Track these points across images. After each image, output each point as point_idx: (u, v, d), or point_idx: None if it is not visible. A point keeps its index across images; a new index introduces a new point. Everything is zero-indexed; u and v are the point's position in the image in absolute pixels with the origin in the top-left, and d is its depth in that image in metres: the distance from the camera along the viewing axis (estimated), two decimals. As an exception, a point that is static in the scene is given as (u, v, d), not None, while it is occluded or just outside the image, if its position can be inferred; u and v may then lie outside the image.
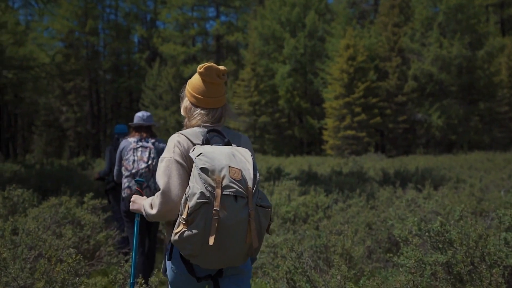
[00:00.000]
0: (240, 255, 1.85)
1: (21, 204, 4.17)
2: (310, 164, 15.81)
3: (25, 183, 8.97)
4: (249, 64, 32.86)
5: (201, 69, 2.08)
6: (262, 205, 1.86)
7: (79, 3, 39.82)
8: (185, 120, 2.18)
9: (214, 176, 1.78)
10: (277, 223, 5.65)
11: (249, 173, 1.85)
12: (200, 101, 2.08)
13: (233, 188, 1.77)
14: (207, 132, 2.02)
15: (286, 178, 7.56)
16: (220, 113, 2.12)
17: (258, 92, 32.22)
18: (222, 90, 2.12)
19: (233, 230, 1.77)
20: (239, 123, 32.37)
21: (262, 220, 1.86)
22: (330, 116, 29.80)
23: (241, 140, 2.13)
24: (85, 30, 39.30)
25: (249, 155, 1.94)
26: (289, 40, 33.07)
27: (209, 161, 1.81)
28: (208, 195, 1.75)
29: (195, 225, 1.75)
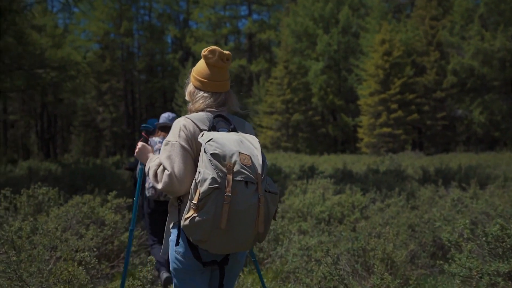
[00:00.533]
0: (249, 240, 1.85)
1: (46, 202, 4.06)
2: (345, 162, 15.35)
3: (58, 182, 9.03)
4: (281, 61, 32.52)
5: (205, 52, 2.10)
6: (270, 191, 1.86)
7: (114, 5, 40.62)
8: (189, 104, 2.17)
9: (225, 162, 1.78)
10: (311, 223, 5.34)
11: (258, 160, 1.86)
12: (204, 85, 2.09)
13: (244, 174, 1.78)
14: (214, 116, 2.02)
15: (320, 176, 7.23)
16: (224, 98, 2.11)
17: (291, 90, 31.85)
18: (226, 75, 2.13)
19: (243, 216, 1.78)
20: (272, 122, 32.19)
21: (271, 206, 1.86)
22: (365, 113, 29.06)
23: (245, 127, 2.13)
24: (120, 32, 40.04)
25: (256, 142, 1.94)
26: (322, 36, 32.49)
27: (220, 146, 1.81)
28: (219, 181, 1.76)
29: (206, 210, 1.76)
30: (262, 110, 33.86)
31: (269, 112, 33.08)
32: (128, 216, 4.00)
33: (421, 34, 29.83)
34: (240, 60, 39.77)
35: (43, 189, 4.11)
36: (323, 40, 32.31)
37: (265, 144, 32.51)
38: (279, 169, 12.02)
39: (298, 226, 5.04)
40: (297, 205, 5.86)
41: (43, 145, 38.50)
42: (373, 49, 28.91)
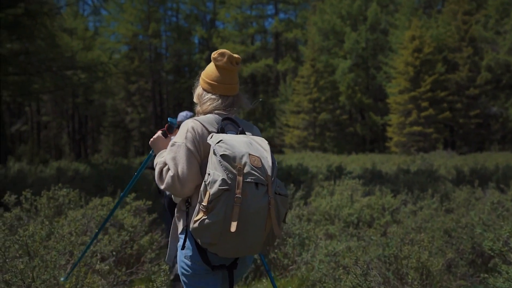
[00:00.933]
0: (259, 243, 1.83)
1: (66, 205, 3.99)
2: (374, 162, 14.94)
3: (85, 182, 9.08)
4: (308, 60, 32.14)
5: (215, 55, 2.10)
6: (280, 193, 1.84)
7: (143, 7, 41.16)
8: (196, 107, 2.16)
9: (235, 163, 1.76)
10: (339, 226, 5.10)
11: (268, 161, 1.84)
12: (213, 87, 2.08)
13: (254, 175, 1.76)
14: (223, 119, 2.01)
15: (348, 177, 6.96)
16: (232, 101, 2.10)
17: (318, 88, 31.42)
18: (235, 78, 2.12)
19: (253, 218, 1.75)
20: (298, 121, 31.86)
21: (281, 208, 1.84)
22: (394, 111, 28.36)
23: (253, 130, 2.11)
24: (148, 33, 40.53)
25: (266, 144, 1.93)
26: (350, 34, 31.92)
27: (229, 148, 1.78)
28: (229, 182, 1.73)
29: (216, 212, 1.73)
30: (289, 109, 33.58)
31: (295, 112, 32.76)
32: (148, 219, 3.88)
33: (453, 29, 28.86)
34: (266, 60, 39.60)
35: (64, 191, 4.03)
36: (351, 38, 31.73)
37: (291, 143, 32.23)
38: (305, 169, 11.77)
39: (325, 229, 4.81)
40: (324, 207, 5.63)
41: (75, 145, 39.42)
42: (403, 46, 28.17)
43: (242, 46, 40.81)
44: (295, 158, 20.76)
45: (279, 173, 11.51)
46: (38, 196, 3.97)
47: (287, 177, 10.63)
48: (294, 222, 4.06)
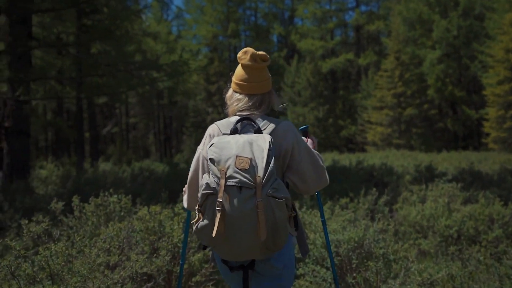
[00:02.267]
0: (255, 248, 1.77)
1: (118, 212, 3.60)
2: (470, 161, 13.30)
3: (157, 184, 8.93)
4: (392, 52, 30.26)
5: (239, 54, 2.09)
6: (274, 195, 1.74)
7: (222, 8, 41.86)
8: (227, 109, 2.14)
9: (220, 167, 1.75)
10: (434, 241, 4.19)
11: (261, 162, 1.76)
12: (240, 87, 2.07)
13: (236, 178, 1.72)
14: (238, 121, 1.97)
15: (443, 180, 5.93)
16: (261, 99, 2.07)
17: (403, 82, 29.45)
18: (261, 76, 2.08)
19: (239, 222, 1.72)
20: (382, 117, 30.11)
21: (277, 212, 1.74)
22: (492, 104, 25.58)
23: (278, 127, 1.99)
24: (227, 34, 41.10)
25: (266, 143, 1.82)
26: (439, 22, 29.42)
27: (217, 151, 1.79)
28: (213, 186, 1.73)
29: (206, 216, 1.76)
30: (371, 105, 31.92)
31: (378, 107, 31.02)
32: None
33: None
34: (347, 54, 38.16)
35: (114, 197, 3.65)
36: (440, 26, 29.24)
37: (374, 141, 30.63)
38: (390, 169, 10.68)
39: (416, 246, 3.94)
40: (414, 216, 4.73)
41: (160, 145, 41.12)
42: (502, 31, 25.29)
43: (321, 41, 39.75)
44: (378, 156, 19.43)
45: (360, 173, 10.56)
46: (86, 203, 3.62)
47: (369, 178, 9.68)
48: (377, 238, 3.29)
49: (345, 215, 4.23)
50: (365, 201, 5.37)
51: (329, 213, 4.31)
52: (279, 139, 1.93)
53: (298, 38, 41.37)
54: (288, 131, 1.98)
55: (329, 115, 35.93)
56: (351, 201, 5.85)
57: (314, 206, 5.55)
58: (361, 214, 4.64)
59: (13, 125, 10.45)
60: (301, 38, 41.43)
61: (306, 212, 4.19)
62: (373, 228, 3.30)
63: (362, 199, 5.66)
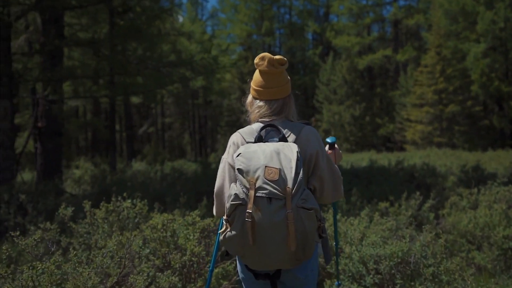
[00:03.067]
0: (284, 258, 1.75)
1: (132, 219, 3.27)
2: (522, 160, 12.34)
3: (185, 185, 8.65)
4: (433, 47, 29.00)
5: (256, 60, 2.05)
6: (304, 206, 1.72)
7: (256, 7, 41.62)
8: (248, 116, 2.13)
9: (249, 177, 1.74)
10: (490, 255, 3.64)
11: (290, 172, 1.73)
12: (259, 93, 2.04)
13: (266, 189, 1.70)
14: (262, 128, 1.96)
15: (497, 183, 5.28)
16: (282, 104, 2.03)
17: (445, 78, 28.15)
18: (280, 80, 2.04)
19: (270, 233, 1.70)
20: (422, 114, 28.92)
21: (306, 222, 1.72)
22: (542, 100, 24.01)
23: (301, 133, 1.97)
24: (261, 32, 40.82)
25: (295, 152, 1.79)
26: (485, 13, 27.87)
27: (245, 161, 1.78)
28: (242, 197, 1.73)
29: (234, 226, 1.74)
30: (410, 102, 30.73)
31: (418, 105, 29.81)
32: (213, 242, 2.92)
33: None
34: (384, 50, 36.99)
35: (127, 202, 3.32)
36: (485, 18, 27.70)
37: (413, 139, 29.47)
38: (432, 170, 9.97)
39: (470, 260, 3.40)
40: (465, 225, 4.18)
41: (195, 145, 41.36)
42: (553, 21, 23.68)
43: (357, 38, 38.75)
44: (418, 156, 18.51)
45: (400, 173, 9.90)
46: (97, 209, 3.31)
47: (409, 179, 9.04)
48: (425, 253, 2.80)
49: (385, 223, 3.74)
50: (408, 206, 4.84)
51: (367, 221, 3.84)
52: (303, 145, 1.91)
53: (333, 35, 40.52)
54: (311, 136, 1.96)
55: (366, 113, 34.96)
56: (391, 205, 5.33)
57: (350, 211, 5.07)
58: (403, 221, 4.14)
59: (46, 126, 10.49)
60: (337, 34, 40.57)
61: (341, 220, 3.73)
62: (420, 242, 2.81)
63: (404, 204, 5.13)
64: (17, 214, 5.46)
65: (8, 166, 7.62)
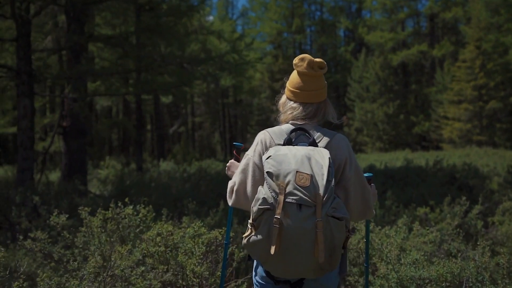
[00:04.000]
0: (309, 268, 1.69)
1: (133, 228, 2.87)
2: None
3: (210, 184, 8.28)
4: (472, 41, 27.64)
5: (295, 60, 2.01)
6: (334, 215, 1.65)
7: (287, 4, 41.08)
8: (280, 115, 2.05)
9: (279, 182, 1.68)
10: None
11: (322, 179, 1.68)
12: (295, 95, 1.97)
13: (296, 195, 1.64)
14: (292, 130, 1.90)
15: (555, 187, 4.62)
16: (316, 109, 1.97)
17: (485, 73, 26.77)
18: (318, 84, 1.97)
19: (297, 241, 1.64)
20: (460, 112, 27.63)
21: (335, 232, 1.66)
22: None
23: (332, 140, 1.90)
24: (291, 30, 40.26)
25: (326, 158, 1.73)
26: (528, 4, 26.39)
27: (275, 165, 1.71)
28: (271, 201, 1.66)
29: (260, 231, 1.68)
30: (447, 99, 29.41)
31: (456, 101, 28.48)
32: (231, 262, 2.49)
33: None
34: (419, 46, 35.62)
35: (128, 209, 2.91)
36: (528, 9, 26.22)
37: (451, 138, 28.21)
38: (474, 169, 9.21)
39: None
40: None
41: (225, 144, 41.27)
42: None
43: (391, 33, 37.52)
44: (457, 155, 17.53)
45: (439, 174, 9.17)
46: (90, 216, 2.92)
47: (450, 181, 8.33)
48: (481, 277, 2.26)
49: (427, 234, 3.19)
50: (452, 212, 4.23)
51: (405, 231, 3.30)
52: (333, 153, 1.83)
53: (366, 31, 39.45)
54: (342, 144, 1.90)
55: (400, 111, 33.81)
56: (432, 210, 4.74)
57: (385, 217, 4.52)
58: (448, 231, 3.57)
59: (70, 125, 10.37)
60: (370, 30, 39.49)
61: (375, 230, 3.21)
62: (475, 263, 2.27)
63: (446, 209, 4.53)
64: (30, 217, 5.22)
65: (28, 166, 7.47)
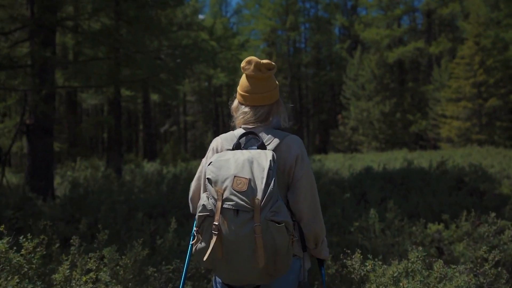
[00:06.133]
0: (254, 273, 1.63)
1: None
2: None
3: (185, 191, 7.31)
4: (471, 37, 26.84)
5: (243, 64, 1.97)
6: (273, 219, 1.60)
7: (281, 1, 40.20)
8: (232, 121, 2.04)
9: (217, 188, 1.65)
10: None
11: (261, 183, 1.63)
12: (245, 98, 1.94)
13: (232, 201, 1.61)
14: (242, 135, 1.86)
15: None
16: (266, 111, 1.92)
17: (484, 70, 25.99)
18: (267, 86, 1.93)
19: (236, 247, 1.60)
20: (458, 110, 26.80)
21: (276, 236, 1.60)
22: None
23: (282, 141, 1.84)
24: (286, 27, 39.38)
25: (267, 161, 1.68)
26: (528, -2, 25.60)
27: (215, 171, 1.69)
28: (210, 208, 1.64)
29: (203, 238, 1.65)
30: (445, 97, 28.60)
31: (454, 99, 27.67)
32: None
33: None
34: (416, 42, 34.83)
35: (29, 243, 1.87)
36: (529, 3, 25.43)
37: (449, 137, 27.38)
38: (484, 173, 8.27)
39: None
40: None
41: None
42: None
43: (387, 30, 36.68)
44: (458, 154, 16.62)
45: (444, 177, 8.21)
46: None
47: (457, 185, 7.38)
48: None
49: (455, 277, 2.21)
50: (476, 232, 3.25)
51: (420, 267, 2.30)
52: (283, 154, 1.79)
53: (362, 28, 38.62)
54: (293, 145, 1.83)
55: (397, 109, 32.99)
56: (446, 226, 3.79)
57: (387, 239, 3.56)
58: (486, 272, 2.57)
59: (34, 122, 9.34)
60: (365, 27, 38.66)
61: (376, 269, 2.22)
62: None
63: (467, 226, 3.57)
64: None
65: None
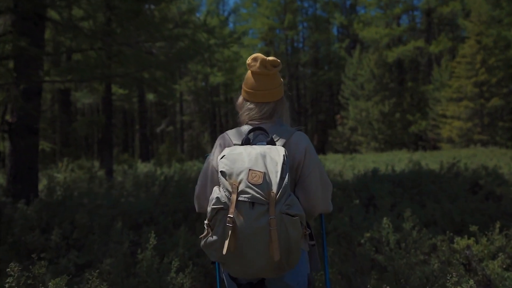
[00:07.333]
0: (266, 267, 1.63)
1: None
2: None
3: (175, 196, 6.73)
4: (472, 35, 26.36)
5: (248, 61, 1.98)
6: (288, 212, 1.61)
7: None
8: (239, 117, 2.04)
9: (231, 180, 1.64)
10: None
11: (275, 177, 1.63)
12: (250, 95, 1.96)
13: (248, 193, 1.60)
14: (250, 130, 1.86)
15: None
16: (271, 108, 1.94)
17: (486, 69, 25.52)
18: (273, 82, 1.95)
19: (251, 240, 1.59)
20: (460, 110, 26.32)
21: (290, 230, 1.61)
22: None
23: (291, 138, 1.87)
24: (283, 26, 38.88)
25: (281, 156, 1.69)
26: (531, -4, 25.15)
27: (229, 164, 1.68)
28: (224, 201, 1.62)
29: (215, 231, 1.64)
30: (446, 96, 28.12)
31: (455, 99, 27.19)
32: None
33: None
34: (416, 42, 34.34)
35: None
36: (532, 1, 24.97)
37: (450, 137, 26.90)
38: (498, 175, 7.73)
39: None
40: None
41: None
42: None
43: (386, 29, 36.18)
44: (463, 155, 16.10)
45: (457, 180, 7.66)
46: None
47: (472, 189, 6.84)
48: None
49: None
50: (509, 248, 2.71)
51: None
52: (292, 151, 1.80)
53: (361, 27, 38.12)
54: (300, 141, 1.84)
55: (396, 109, 32.50)
56: (476, 241, 3.25)
57: (407, 257, 3.00)
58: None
59: (17, 121, 8.75)
60: (364, 26, 38.16)
61: None
62: None
63: (500, 240, 3.04)
64: None
65: None
